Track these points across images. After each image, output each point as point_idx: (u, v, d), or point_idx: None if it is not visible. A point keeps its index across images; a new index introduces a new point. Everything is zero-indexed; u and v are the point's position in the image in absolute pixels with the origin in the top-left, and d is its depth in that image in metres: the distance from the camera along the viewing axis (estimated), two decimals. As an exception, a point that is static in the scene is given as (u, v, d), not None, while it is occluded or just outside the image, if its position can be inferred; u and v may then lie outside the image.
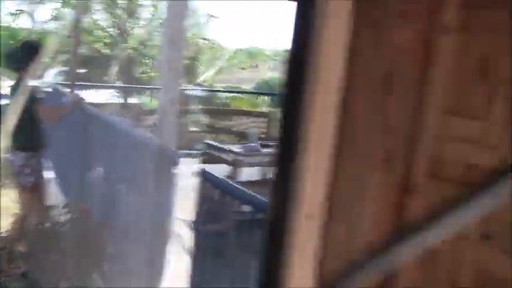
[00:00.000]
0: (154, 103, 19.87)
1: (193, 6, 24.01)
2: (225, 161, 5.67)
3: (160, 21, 24.64)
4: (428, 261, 1.64)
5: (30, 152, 5.08)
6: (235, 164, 5.34)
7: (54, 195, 5.71)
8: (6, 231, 5.31)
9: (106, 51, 24.76)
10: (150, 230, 3.81)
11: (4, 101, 5.29)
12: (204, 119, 7.75)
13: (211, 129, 7.62)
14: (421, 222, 1.62)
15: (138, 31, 24.70)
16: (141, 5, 22.47)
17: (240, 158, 5.55)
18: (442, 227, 1.58)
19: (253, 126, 7.99)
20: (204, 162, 6.44)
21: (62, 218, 5.36)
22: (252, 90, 25.27)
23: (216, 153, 5.93)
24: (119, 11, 24.08)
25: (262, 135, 7.98)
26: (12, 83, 5.25)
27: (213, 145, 6.28)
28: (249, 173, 5.62)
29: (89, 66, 27.17)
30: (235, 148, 6.13)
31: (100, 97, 20.30)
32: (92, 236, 4.65)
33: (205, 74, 29.93)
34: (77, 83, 15.82)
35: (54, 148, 5.60)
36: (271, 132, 7.99)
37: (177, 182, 3.73)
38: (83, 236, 4.84)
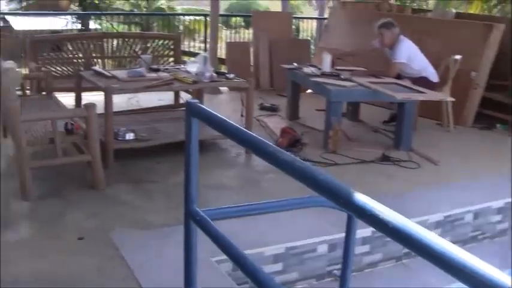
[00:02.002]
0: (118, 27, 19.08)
1: None
2: (100, 88, 5.08)
3: None
4: None
5: None
6: (106, 91, 4.73)
7: None
8: None
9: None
10: None
11: None
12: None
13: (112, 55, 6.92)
14: None
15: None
16: None
17: (115, 85, 4.94)
18: None
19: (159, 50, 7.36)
20: (82, 90, 5.87)
21: None
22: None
23: (95, 80, 5.33)
24: None
25: (167, 60, 7.36)
26: None
27: (97, 71, 5.66)
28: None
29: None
30: (119, 73, 5.51)
31: (56, 24, 19.76)
32: None
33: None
34: (29, 12, 15.11)
35: None
36: (178, 57, 7.33)
37: None
38: None
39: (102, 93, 5.10)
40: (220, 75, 5.93)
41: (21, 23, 18.84)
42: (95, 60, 7.13)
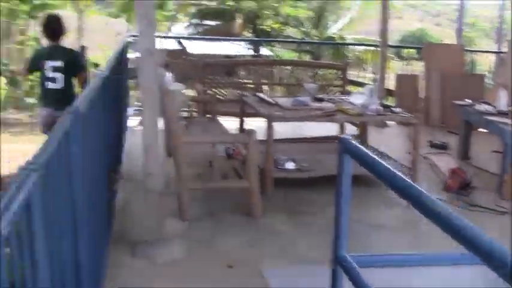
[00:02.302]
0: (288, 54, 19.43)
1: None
2: (262, 115, 5.07)
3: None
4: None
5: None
6: (267, 118, 4.70)
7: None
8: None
9: (230, 3, 24.69)
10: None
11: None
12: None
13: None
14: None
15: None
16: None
17: (277, 112, 4.89)
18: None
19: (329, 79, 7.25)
20: (242, 116, 5.89)
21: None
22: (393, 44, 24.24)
23: (258, 106, 5.33)
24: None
25: (334, 90, 7.21)
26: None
27: (261, 97, 5.65)
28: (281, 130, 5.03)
29: (216, 18, 27.39)
30: (283, 101, 5.46)
31: (230, 49, 20.62)
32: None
33: (336, 26, 29.15)
34: (205, 36, 15.86)
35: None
36: (344, 87, 7.17)
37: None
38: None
39: (265, 119, 5.06)
40: (386, 108, 5.66)
41: (196, 47, 19.69)
42: (262, 86, 7.16)
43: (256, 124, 5.36)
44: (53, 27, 5.50)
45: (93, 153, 2.90)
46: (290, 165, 5.26)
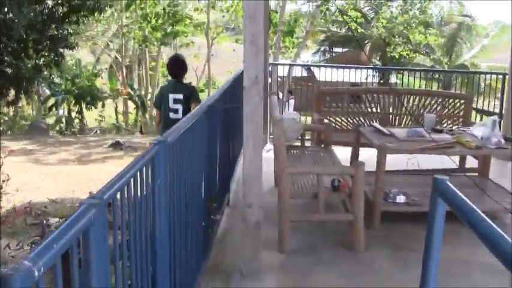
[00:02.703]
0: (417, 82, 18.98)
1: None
2: (374, 146, 4.92)
3: (418, 2, 23.84)
4: None
5: None
6: (379, 149, 4.54)
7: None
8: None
9: (360, 30, 24.55)
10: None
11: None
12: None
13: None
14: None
15: (390, 10, 24.04)
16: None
17: (390, 144, 4.72)
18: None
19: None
20: (360, 146, 5.74)
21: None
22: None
23: (371, 137, 5.18)
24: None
25: (457, 121, 6.86)
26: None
27: (377, 128, 5.49)
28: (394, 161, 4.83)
29: (345, 45, 27.37)
30: (399, 132, 5.27)
31: (357, 77, 20.49)
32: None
33: (469, 54, 28.13)
34: (332, 64, 15.84)
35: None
36: (467, 118, 6.80)
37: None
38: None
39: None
40: (510, 142, 5.28)
41: (324, 74, 19.64)
42: (389, 115, 6.95)
43: (373, 154, 5.16)
44: (176, 68, 6.15)
45: (183, 182, 2.88)
46: (400, 199, 5.02)
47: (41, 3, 15.52)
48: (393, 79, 23.83)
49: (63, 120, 26.25)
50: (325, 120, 6.68)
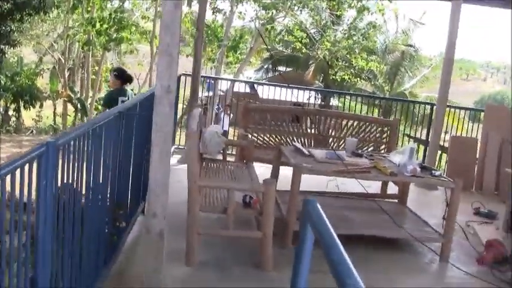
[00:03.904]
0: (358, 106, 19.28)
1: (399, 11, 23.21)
2: (291, 165, 4.95)
3: (362, 29, 24.31)
4: None
5: None
6: (294, 169, 4.58)
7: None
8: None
9: (304, 51, 24.79)
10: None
11: None
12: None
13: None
14: None
15: (334, 34, 24.40)
16: (343, 10, 21.73)
17: (306, 164, 4.76)
18: None
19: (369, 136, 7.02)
20: (278, 164, 5.76)
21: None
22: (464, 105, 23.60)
23: (290, 156, 5.21)
24: (319, 14, 23.91)
25: (379, 147, 6.98)
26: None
27: (297, 147, 5.54)
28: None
29: (289, 65, 27.60)
30: (319, 154, 5.33)
31: (300, 97, 20.67)
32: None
33: (410, 83, 28.80)
34: (275, 83, 15.97)
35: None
36: (391, 144, 6.93)
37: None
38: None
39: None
40: (426, 170, 5.40)
41: (267, 92, 19.82)
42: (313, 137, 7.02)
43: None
44: (122, 78, 7.16)
45: (78, 186, 2.82)
46: (315, 220, 5.07)
47: (-16, -1, 15.20)
48: (335, 102, 24.16)
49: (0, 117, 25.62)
50: (250, 136, 6.71)
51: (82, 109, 25.52)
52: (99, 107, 26.62)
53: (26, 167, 2.13)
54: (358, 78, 26.25)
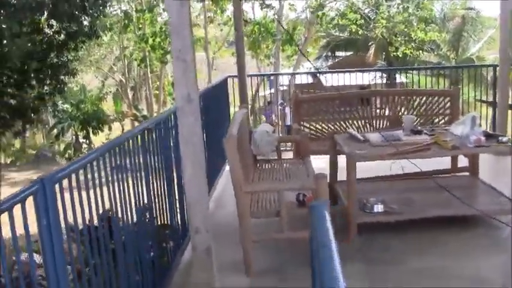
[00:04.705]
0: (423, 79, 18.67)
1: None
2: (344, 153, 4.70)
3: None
4: None
5: None
6: (348, 157, 4.31)
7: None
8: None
9: (361, 32, 24.26)
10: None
11: None
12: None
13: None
14: None
15: (388, 10, 23.70)
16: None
17: (359, 151, 4.48)
18: None
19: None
20: (334, 154, 5.47)
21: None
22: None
23: (344, 144, 4.94)
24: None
25: (441, 120, 6.56)
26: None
27: (352, 134, 5.26)
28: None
29: (347, 48, 27.08)
30: (375, 137, 5.03)
31: (365, 79, 20.19)
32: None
33: (476, 47, 27.68)
34: (337, 70, 15.64)
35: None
36: (454, 115, 6.50)
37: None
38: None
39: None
40: (492, 138, 4.98)
41: (330, 80, 19.46)
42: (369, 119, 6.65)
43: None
44: None
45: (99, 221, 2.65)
46: (378, 208, 4.76)
47: (38, 33, 15.53)
48: (401, 78, 23.48)
49: (72, 146, 26.27)
50: (305, 129, 6.45)
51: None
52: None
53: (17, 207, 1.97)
54: (421, 51, 25.39)
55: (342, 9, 23.63)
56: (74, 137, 26.58)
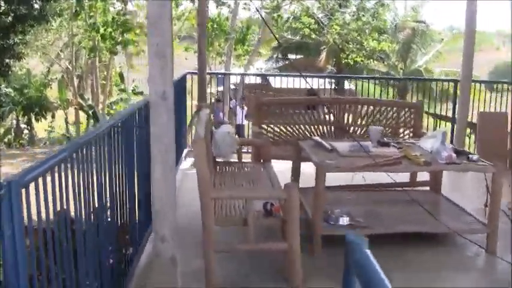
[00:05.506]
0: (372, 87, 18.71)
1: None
2: (313, 163, 4.48)
3: (371, 9, 23.70)
4: None
5: None
6: (317, 168, 4.10)
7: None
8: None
9: (313, 37, 24.28)
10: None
11: None
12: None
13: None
14: None
15: (343, 17, 23.80)
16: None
17: (330, 161, 4.28)
18: None
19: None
20: (298, 160, 5.31)
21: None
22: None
23: (311, 152, 4.74)
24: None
25: (404, 131, 6.47)
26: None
27: (318, 141, 5.05)
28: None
29: (298, 52, 27.06)
30: (342, 147, 4.85)
31: (313, 83, 20.12)
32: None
33: (423, 59, 28.09)
34: (285, 73, 15.50)
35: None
36: (416, 128, 6.41)
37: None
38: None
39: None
40: (462, 155, 4.89)
41: (279, 81, 19.31)
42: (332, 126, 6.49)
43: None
44: None
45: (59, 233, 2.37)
46: (343, 221, 4.59)
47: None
48: (350, 85, 23.62)
49: (12, 131, 25.38)
50: (264, 133, 6.24)
51: (93, 115, 25.18)
52: (111, 111, 26.31)
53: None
54: (371, 60, 25.62)
55: (296, 12, 23.55)
56: (15, 121, 25.66)
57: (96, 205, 2.92)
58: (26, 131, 25.74)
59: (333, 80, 25.07)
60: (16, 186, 1.85)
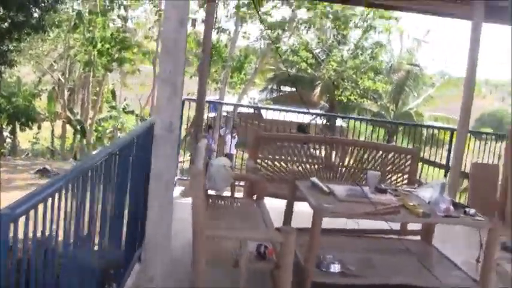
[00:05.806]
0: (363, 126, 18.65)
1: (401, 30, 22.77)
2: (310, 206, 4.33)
3: (369, 48, 23.80)
4: None
5: None
6: (315, 211, 3.96)
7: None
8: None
9: (310, 71, 24.34)
10: None
11: None
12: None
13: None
14: None
15: (340, 54, 23.89)
16: (348, 30, 21.30)
17: (328, 205, 4.15)
18: None
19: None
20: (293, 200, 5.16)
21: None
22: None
23: (308, 194, 4.60)
24: (326, 34, 23.48)
25: (399, 178, 6.35)
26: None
27: (315, 183, 4.91)
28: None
29: (293, 85, 27.11)
30: (340, 190, 4.71)
31: (305, 118, 20.04)
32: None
33: (414, 102, 28.23)
34: (280, 107, 15.44)
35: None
36: (412, 175, 6.29)
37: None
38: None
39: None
40: (459, 208, 4.77)
41: (270, 113, 19.24)
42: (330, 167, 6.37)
43: (309, 208, 4.55)
44: None
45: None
46: (335, 268, 4.45)
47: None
48: (341, 122, 23.61)
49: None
50: (260, 169, 6.11)
51: (81, 130, 24.97)
52: (99, 128, 26.09)
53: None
54: (364, 99, 25.70)
55: (294, 45, 23.61)
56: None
57: (85, 234, 2.76)
58: (8, 140, 25.39)
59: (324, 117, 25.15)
60: (6, 220, 1.71)
